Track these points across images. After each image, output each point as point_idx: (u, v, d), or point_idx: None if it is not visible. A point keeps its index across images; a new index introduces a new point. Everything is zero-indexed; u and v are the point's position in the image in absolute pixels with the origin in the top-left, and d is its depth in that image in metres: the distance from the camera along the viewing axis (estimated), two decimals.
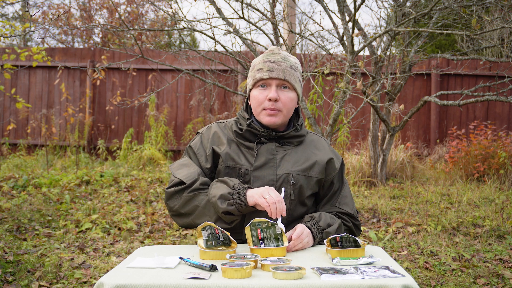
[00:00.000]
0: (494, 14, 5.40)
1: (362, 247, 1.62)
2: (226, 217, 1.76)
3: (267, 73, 1.89)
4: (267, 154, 1.91)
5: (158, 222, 4.74)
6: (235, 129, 1.95)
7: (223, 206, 1.74)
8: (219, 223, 1.79)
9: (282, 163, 1.90)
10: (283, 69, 1.90)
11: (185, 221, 1.87)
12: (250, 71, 1.99)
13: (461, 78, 8.92)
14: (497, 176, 6.53)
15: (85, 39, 13.83)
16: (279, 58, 1.93)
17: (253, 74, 1.95)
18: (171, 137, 8.76)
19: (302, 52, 8.01)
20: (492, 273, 3.44)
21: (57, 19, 10.73)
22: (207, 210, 1.80)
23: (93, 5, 13.70)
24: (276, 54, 1.95)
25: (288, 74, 1.90)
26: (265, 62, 1.92)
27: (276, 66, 1.90)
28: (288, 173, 1.88)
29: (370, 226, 4.72)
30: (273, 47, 2.00)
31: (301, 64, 8.23)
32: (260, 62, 1.94)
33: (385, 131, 6.53)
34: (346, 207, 1.97)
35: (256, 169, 1.88)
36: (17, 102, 8.31)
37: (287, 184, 1.88)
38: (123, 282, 1.32)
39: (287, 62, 1.93)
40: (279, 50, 1.97)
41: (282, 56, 1.94)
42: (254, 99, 1.94)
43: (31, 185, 5.97)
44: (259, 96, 1.92)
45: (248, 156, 1.91)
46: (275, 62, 1.91)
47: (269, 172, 1.88)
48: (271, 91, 1.89)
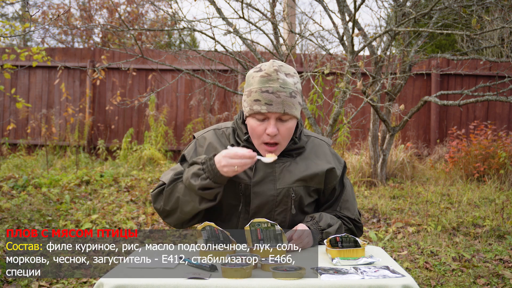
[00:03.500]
0: (494, 14, 5.39)
1: (362, 247, 1.62)
2: (205, 193, 1.75)
3: (266, 107, 1.77)
4: (266, 168, 1.87)
5: (158, 222, 4.74)
6: (232, 142, 1.91)
7: (197, 183, 1.74)
8: (204, 203, 1.78)
9: (282, 176, 1.87)
10: (282, 101, 1.77)
11: (175, 218, 1.86)
12: (246, 95, 1.83)
13: (461, 78, 8.92)
14: (497, 176, 6.53)
15: (85, 39, 13.82)
16: (277, 86, 1.77)
17: (249, 102, 1.81)
18: (171, 137, 8.76)
19: (302, 52, 8.01)
20: (492, 273, 3.44)
21: (57, 19, 10.73)
22: (188, 196, 1.79)
23: (93, 5, 13.70)
24: (274, 80, 1.78)
25: (287, 106, 1.78)
26: (263, 93, 1.77)
27: (274, 99, 1.77)
28: (289, 187, 1.86)
29: (370, 226, 4.72)
30: (270, 68, 1.81)
31: (301, 64, 8.23)
32: (257, 90, 1.79)
33: (385, 131, 6.53)
34: (347, 211, 1.95)
35: (255, 184, 1.85)
36: (17, 102, 8.31)
37: (287, 198, 1.86)
38: (123, 282, 1.32)
39: (286, 90, 1.78)
40: (276, 73, 1.79)
41: (281, 82, 1.78)
42: (251, 129, 1.84)
43: (31, 185, 5.97)
44: (257, 129, 1.81)
45: (247, 171, 1.87)
46: (273, 93, 1.77)
47: (269, 186, 1.85)
48: (269, 126, 1.79)
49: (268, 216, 1.86)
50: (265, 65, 1.83)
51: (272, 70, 1.79)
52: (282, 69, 1.81)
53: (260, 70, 1.82)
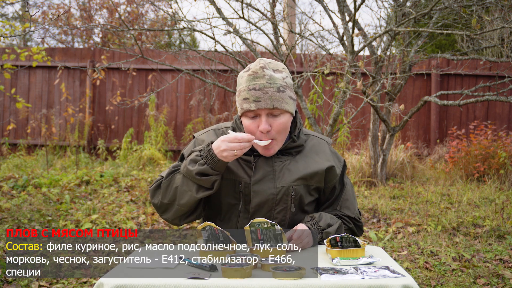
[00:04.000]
0: (494, 14, 5.39)
1: (362, 247, 1.62)
2: (202, 179, 1.76)
3: (254, 104, 1.78)
4: (266, 166, 1.87)
5: (158, 222, 4.74)
6: None
7: (194, 168, 1.75)
8: (201, 192, 1.78)
9: (282, 174, 1.87)
10: (270, 97, 1.77)
11: (173, 211, 1.86)
12: (237, 95, 1.85)
13: (461, 78, 8.92)
14: (497, 176, 6.53)
15: (85, 39, 13.82)
16: (264, 82, 1.78)
17: (239, 102, 1.83)
18: (171, 137, 8.76)
19: (302, 52, 8.01)
20: (492, 273, 3.44)
21: (57, 19, 10.73)
22: (186, 186, 1.80)
23: (93, 5, 13.70)
24: (260, 77, 1.79)
25: (276, 100, 1.78)
26: (250, 90, 1.79)
27: (262, 95, 1.77)
28: (289, 185, 1.86)
29: (370, 226, 4.72)
30: (256, 66, 1.82)
31: (301, 64, 8.22)
32: (245, 89, 1.80)
33: (385, 131, 6.53)
34: (347, 210, 1.96)
35: (255, 183, 1.86)
36: (17, 102, 8.31)
37: (287, 196, 1.86)
38: (123, 282, 1.32)
39: (273, 85, 1.79)
40: (263, 70, 1.80)
41: (268, 78, 1.79)
42: (246, 128, 1.85)
43: (31, 185, 5.97)
44: (250, 127, 1.83)
45: (246, 169, 1.88)
46: (260, 89, 1.77)
47: (268, 185, 1.86)
48: (261, 122, 1.80)
49: (267, 214, 1.86)
50: (252, 64, 1.85)
51: (258, 68, 1.81)
52: (269, 66, 1.83)
53: (248, 69, 1.84)
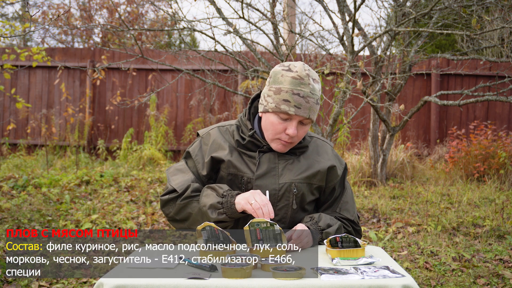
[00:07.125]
0: (494, 14, 5.39)
1: (362, 247, 1.62)
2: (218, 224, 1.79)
3: (294, 109, 1.80)
4: (269, 163, 1.89)
5: (158, 222, 4.74)
6: (237, 138, 1.92)
7: (213, 216, 1.79)
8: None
9: (284, 172, 1.89)
10: (310, 107, 1.81)
11: (181, 226, 1.92)
12: (274, 91, 1.83)
13: (461, 78, 8.92)
14: (497, 176, 6.53)
15: (85, 39, 13.82)
16: (307, 91, 1.80)
17: (277, 100, 1.82)
18: (171, 137, 8.76)
19: (302, 52, 8.01)
20: (492, 273, 3.44)
21: (57, 19, 10.73)
22: (200, 217, 1.84)
23: (93, 5, 13.70)
24: (305, 85, 1.81)
25: (312, 112, 1.83)
26: (294, 95, 1.79)
27: (304, 103, 1.80)
28: (291, 182, 1.88)
29: (370, 226, 4.72)
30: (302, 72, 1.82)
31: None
32: (289, 91, 1.80)
33: (385, 131, 6.53)
34: (346, 213, 1.97)
35: (258, 178, 1.88)
36: (17, 102, 8.31)
37: (289, 193, 1.88)
38: (123, 282, 1.32)
39: (314, 96, 1.82)
40: (308, 78, 1.82)
41: (311, 88, 1.81)
42: (270, 125, 1.85)
43: (31, 185, 5.97)
44: (277, 126, 1.84)
45: (250, 165, 1.90)
46: (303, 97, 1.80)
47: (271, 181, 1.88)
48: (291, 127, 1.82)
49: None
50: (295, 66, 1.83)
51: (304, 74, 1.81)
52: (311, 74, 1.84)
53: (290, 70, 1.83)
